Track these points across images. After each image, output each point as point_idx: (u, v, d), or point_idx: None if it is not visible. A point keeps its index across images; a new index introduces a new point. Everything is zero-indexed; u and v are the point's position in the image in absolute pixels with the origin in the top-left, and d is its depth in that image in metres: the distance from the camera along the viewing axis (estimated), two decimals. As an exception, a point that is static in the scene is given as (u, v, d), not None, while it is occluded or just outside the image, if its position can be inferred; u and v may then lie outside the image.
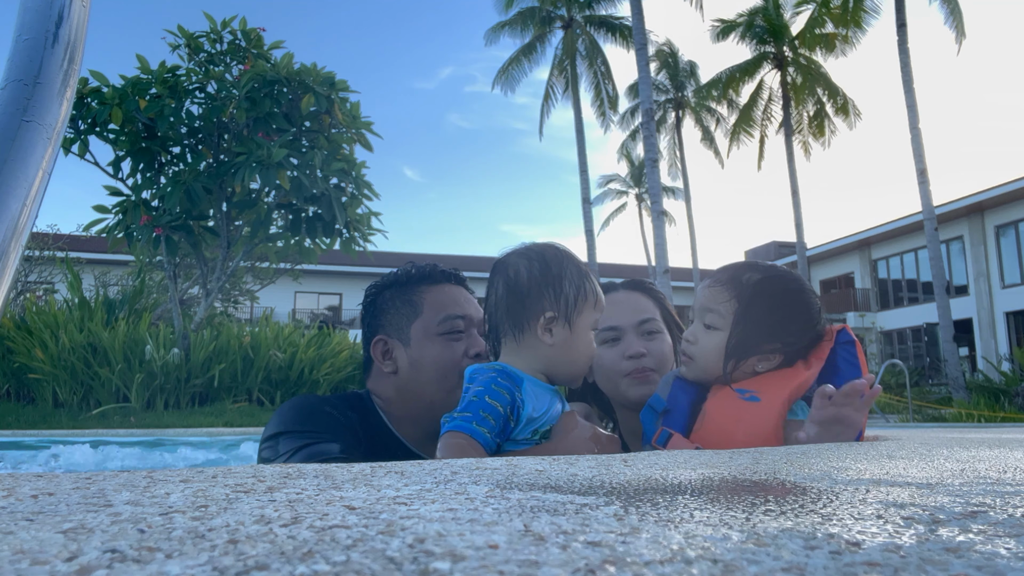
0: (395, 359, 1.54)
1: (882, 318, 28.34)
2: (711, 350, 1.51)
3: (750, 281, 1.53)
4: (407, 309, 1.56)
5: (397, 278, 1.63)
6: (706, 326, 1.53)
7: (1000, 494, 0.57)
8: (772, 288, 1.53)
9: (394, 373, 1.54)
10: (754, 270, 1.56)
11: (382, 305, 1.60)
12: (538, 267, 1.30)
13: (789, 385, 1.47)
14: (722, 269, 1.60)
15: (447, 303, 1.56)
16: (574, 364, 1.31)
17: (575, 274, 1.32)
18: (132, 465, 4.53)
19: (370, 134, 10.42)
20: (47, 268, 18.95)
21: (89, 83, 9.60)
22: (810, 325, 1.52)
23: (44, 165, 1.14)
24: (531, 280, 1.29)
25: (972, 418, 12.96)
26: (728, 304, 1.52)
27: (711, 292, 1.56)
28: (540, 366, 1.29)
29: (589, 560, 0.33)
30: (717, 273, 1.60)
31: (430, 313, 1.55)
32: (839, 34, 23.43)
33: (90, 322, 9.82)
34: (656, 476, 0.67)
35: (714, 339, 1.51)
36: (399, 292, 1.60)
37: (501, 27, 26.23)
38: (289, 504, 0.47)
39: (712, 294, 1.55)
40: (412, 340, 1.53)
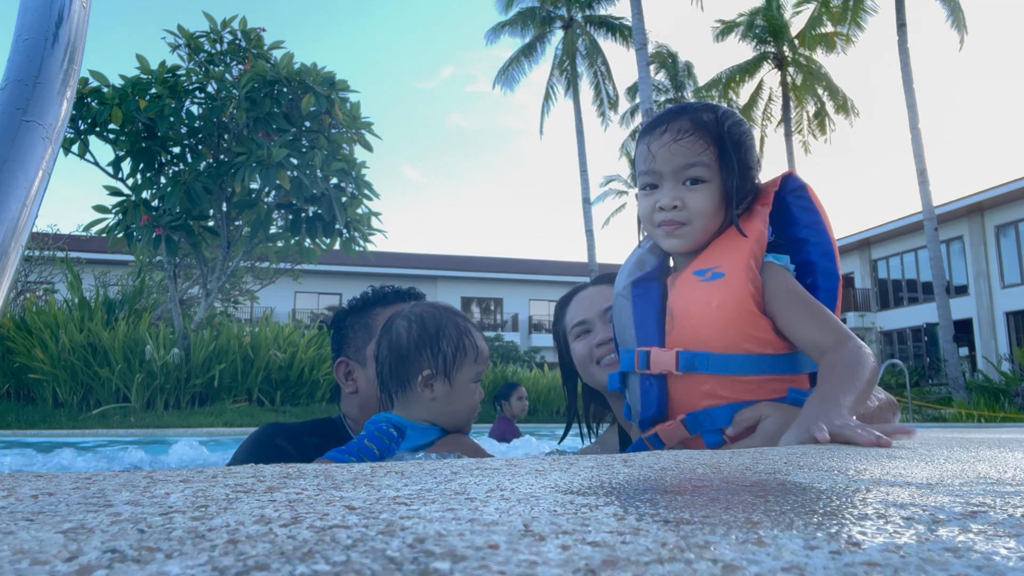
0: (355, 380, 1.66)
1: (882, 318, 28.33)
2: (706, 206, 1.37)
3: (719, 121, 1.40)
4: (363, 332, 1.68)
5: (356, 304, 1.76)
6: (690, 182, 1.37)
7: (1000, 494, 0.57)
8: (737, 121, 1.43)
9: (355, 393, 1.66)
10: (710, 110, 1.42)
11: (344, 330, 1.72)
12: (416, 328, 1.41)
13: (745, 247, 1.36)
14: (673, 118, 1.42)
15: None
16: (458, 414, 1.41)
17: (452, 333, 1.41)
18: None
19: (370, 134, 10.42)
20: (47, 268, 18.95)
21: (89, 83, 9.60)
22: (759, 161, 1.45)
23: (44, 165, 1.14)
24: (409, 341, 1.40)
25: (972, 418, 12.96)
26: (710, 151, 1.38)
27: (684, 145, 1.38)
28: (426, 416, 1.40)
29: (589, 560, 0.33)
30: (671, 123, 1.41)
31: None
32: (839, 33, 23.45)
33: (90, 322, 9.82)
34: (656, 476, 0.67)
35: (705, 194, 1.38)
36: (357, 316, 1.72)
37: (501, 27, 26.24)
38: (289, 504, 0.47)
39: (686, 147, 1.38)
40: (367, 361, 1.64)
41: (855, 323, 28.24)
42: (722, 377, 1.33)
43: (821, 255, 1.44)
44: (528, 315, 34.49)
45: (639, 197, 1.47)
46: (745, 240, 1.36)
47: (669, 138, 1.39)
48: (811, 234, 1.45)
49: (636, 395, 1.44)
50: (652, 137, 1.42)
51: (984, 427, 6.60)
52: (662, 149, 1.39)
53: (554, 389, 13.49)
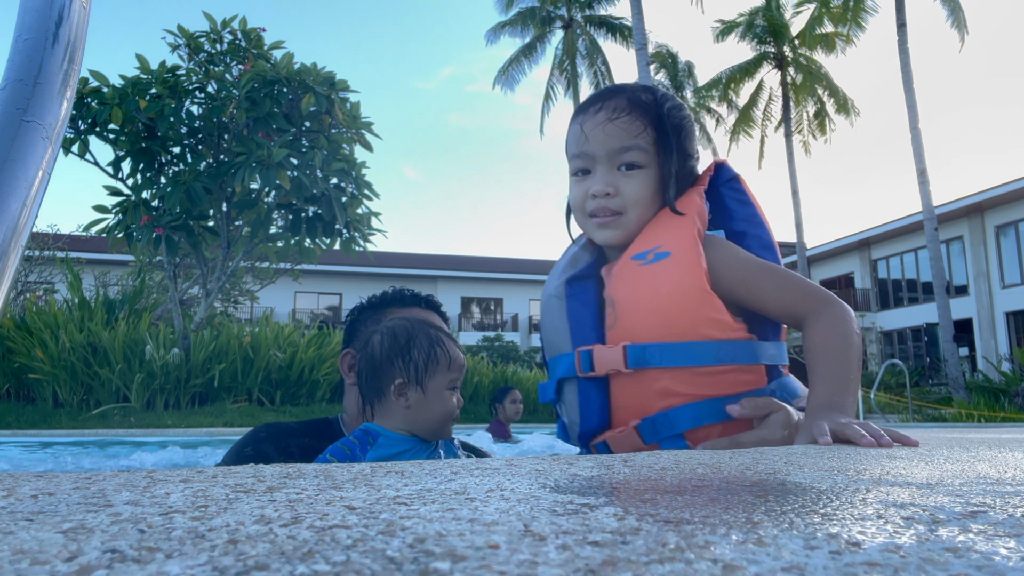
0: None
1: (882, 318, 28.33)
2: (641, 193, 1.26)
3: (658, 103, 1.31)
4: (372, 328, 1.70)
5: (374, 300, 1.79)
6: (625, 167, 1.27)
7: (1000, 494, 0.57)
8: (677, 104, 1.34)
9: (355, 385, 1.66)
10: (647, 91, 1.33)
11: (357, 324, 1.75)
12: (388, 340, 1.46)
13: (689, 224, 1.24)
14: (609, 96, 1.32)
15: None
16: (432, 421, 1.44)
17: (424, 342, 1.45)
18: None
19: (370, 134, 10.42)
20: (47, 268, 18.95)
21: (89, 83, 9.60)
22: (698, 151, 1.38)
23: (44, 165, 1.14)
24: (382, 352, 1.45)
25: (972, 418, 12.96)
26: (647, 134, 1.27)
27: (619, 126, 1.27)
28: (401, 424, 1.44)
29: (589, 560, 0.33)
30: (607, 102, 1.30)
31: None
32: (839, 33, 23.46)
33: (90, 322, 9.82)
34: (656, 476, 0.67)
35: (641, 180, 1.27)
36: (372, 313, 1.75)
37: (501, 27, 26.25)
38: (289, 504, 0.47)
39: (622, 128, 1.27)
40: None
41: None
42: (679, 371, 1.18)
43: (762, 248, 1.33)
44: (528, 315, 34.48)
45: (570, 183, 1.35)
46: (686, 216, 1.25)
47: (604, 117, 1.28)
48: (748, 227, 1.35)
49: (574, 405, 1.27)
50: (586, 117, 1.31)
51: (984, 427, 6.60)
52: (596, 129, 1.28)
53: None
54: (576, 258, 1.38)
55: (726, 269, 1.21)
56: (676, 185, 1.28)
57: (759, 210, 1.37)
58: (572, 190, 1.34)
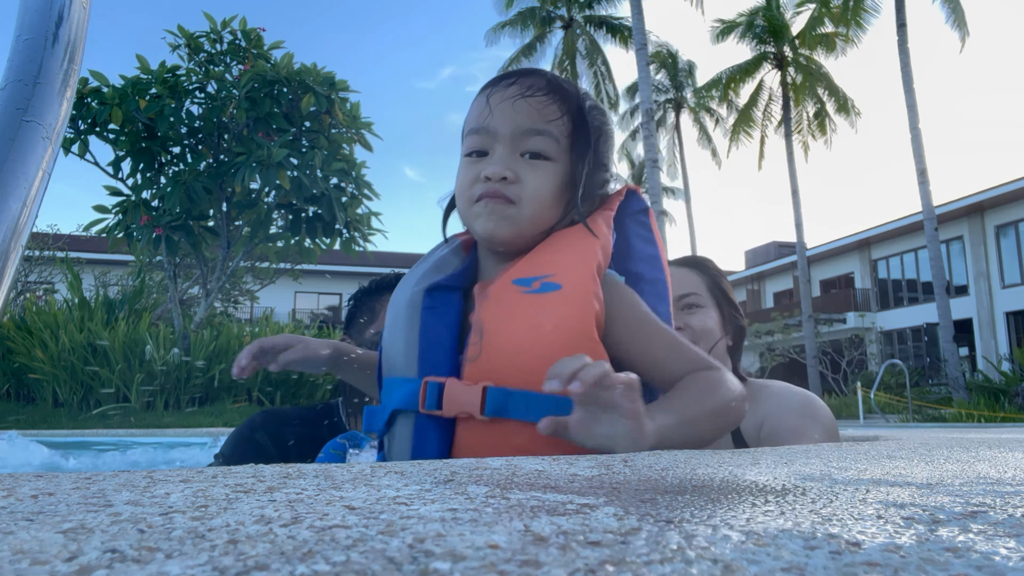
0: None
1: (882, 318, 28.33)
2: (543, 188, 1.05)
3: (580, 96, 1.14)
4: (367, 315, 1.74)
5: (373, 285, 1.82)
6: (530, 156, 1.06)
7: (1000, 494, 0.57)
8: (600, 108, 1.17)
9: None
10: (571, 83, 1.15)
11: (355, 310, 1.79)
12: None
13: (590, 255, 1.04)
14: (527, 73, 1.14)
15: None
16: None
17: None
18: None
19: (370, 134, 10.42)
20: (47, 268, 18.95)
21: (89, 83, 9.60)
22: (613, 169, 1.19)
23: (44, 165, 1.14)
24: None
25: (972, 418, 12.96)
26: (563, 123, 1.08)
27: (533, 105, 1.07)
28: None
29: (589, 560, 0.33)
30: (523, 78, 1.11)
31: (380, 322, 1.71)
32: (839, 33, 23.46)
33: (90, 322, 9.82)
34: (656, 476, 0.67)
35: (547, 173, 1.06)
36: (366, 299, 1.78)
37: (501, 27, 26.26)
38: (289, 504, 0.47)
39: (536, 108, 1.07)
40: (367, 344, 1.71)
41: (855, 323, 28.24)
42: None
43: (656, 298, 1.14)
44: (528, 315, 34.50)
45: (460, 166, 1.14)
46: (590, 244, 1.05)
47: (516, 92, 1.08)
48: (647, 270, 1.17)
49: (405, 445, 1.01)
50: (495, 90, 1.11)
51: (984, 427, 6.60)
52: (504, 103, 1.08)
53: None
54: (443, 263, 1.14)
55: (621, 320, 1.03)
56: (585, 192, 1.09)
57: (662, 253, 1.19)
58: (461, 173, 1.12)
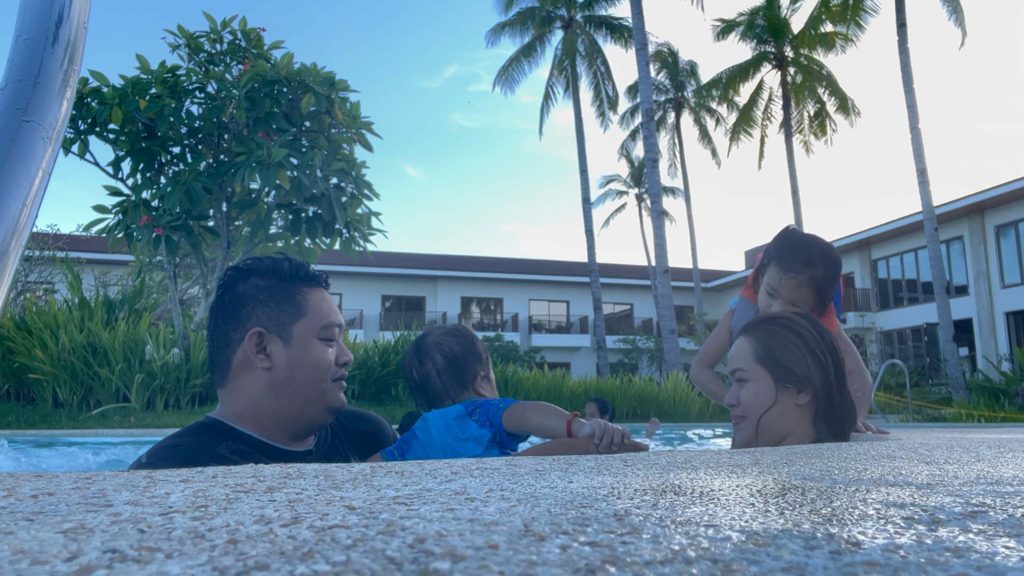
0: (271, 355, 1.47)
1: (882, 318, 28.34)
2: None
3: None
4: (289, 307, 1.50)
5: (269, 269, 1.54)
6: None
7: (1000, 494, 0.57)
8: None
9: (268, 370, 1.47)
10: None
11: (254, 295, 1.50)
12: (458, 345, 1.80)
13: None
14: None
15: (328, 311, 1.55)
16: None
17: (478, 343, 1.84)
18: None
19: (370, 134, 10.43)
20: (47, 268, 18.95)
21: (89, 83, 9.60)
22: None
23: (44, 165, 1.14)
24: (458, 355, 1.77)
25: (972, 418, 12.96)
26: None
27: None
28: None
29: (589, 560, 0.33)
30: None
31: (314, 317, 1.52)
32: (839, 33, 23.46)
33: (90, 322, 9.82)
34: (656, 476, 0.67)
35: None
36: (277, 286, 1.52)
37: (501, 28, 26.25)
38: (289, 504, 0.47)
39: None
40: (295, 339, 1.49)
41: (855, 323, 28.25)
42: None
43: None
44: (528, 315, 34.48)
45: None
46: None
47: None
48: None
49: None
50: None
51: (984, 427, 6.60)
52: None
53: (554, 389, 13.49)
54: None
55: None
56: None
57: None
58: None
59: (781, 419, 1.68)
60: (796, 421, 1.69)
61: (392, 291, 33.20)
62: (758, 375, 1.71)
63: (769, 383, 1.70)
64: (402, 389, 12.74)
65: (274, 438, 1.50)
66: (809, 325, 1.74)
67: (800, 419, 1.69)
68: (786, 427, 1.69)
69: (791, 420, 1.69)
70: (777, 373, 1.70)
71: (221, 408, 1.53)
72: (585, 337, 32.90)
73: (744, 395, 1.72)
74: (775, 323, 1.76)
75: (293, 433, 1.52)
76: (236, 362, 1.48)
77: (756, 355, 1.73)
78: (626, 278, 35.58)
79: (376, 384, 12.65)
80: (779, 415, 1.68)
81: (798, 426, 1.69)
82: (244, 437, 1.48)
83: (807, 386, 1.68)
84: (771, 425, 1.68)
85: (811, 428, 1.68)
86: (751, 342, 1.75)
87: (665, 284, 15.54)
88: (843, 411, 1.70)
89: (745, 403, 1.71)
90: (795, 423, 1.69)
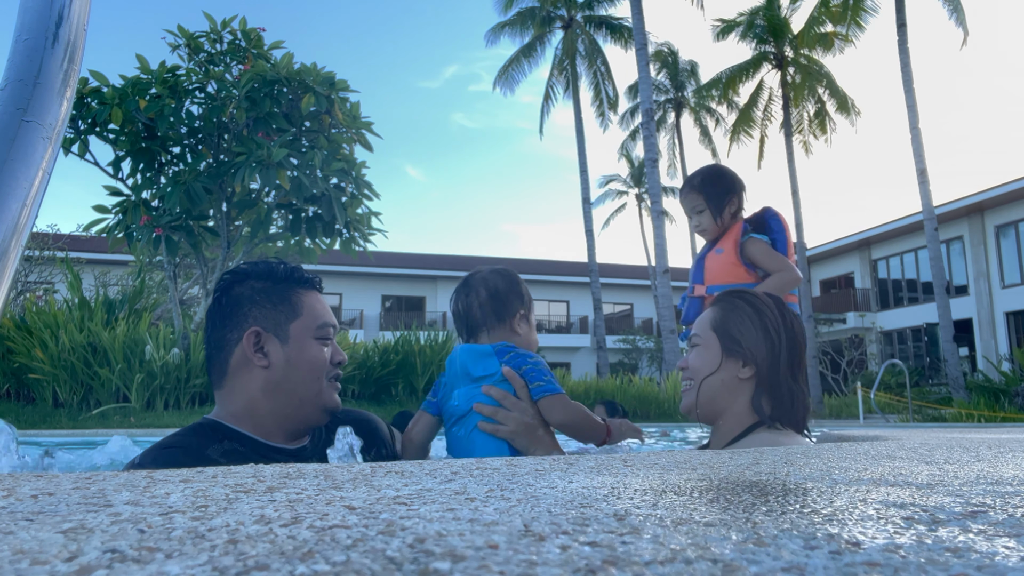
0: (268, 354, 1.51)
1: (882, 318, 28.33)
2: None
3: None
4: (286, 307, 1.55)
5: (264, 272, 1.59)
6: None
7: (1000, 494, 0.57)
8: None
9: (266, 368, 1.51)
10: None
11: (251, 296, 1.55)
12: (503, 282, 1.88)
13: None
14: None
15: (322, 312, 1.61)
16: (532, 345, 1.82)
17: (522, 284, 1.91)
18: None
19: (370, 134, 10.42)
20: (47, 268, 18.94)
21: (89, 83, 9.60)
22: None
23: (44, 165, 1.13)
24: (500, 292, 1.84)
25: (972, 418, 12.96)
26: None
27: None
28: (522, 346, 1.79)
29: (589, 560, 0.33)
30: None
31: (310, 317, 1.56)
32: (839, 33, 23.46)
33: (90, 322, 9.82)
34: (655, 476, 0.67)
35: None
36: (272, 288, 1.57)
37: (501, 27, 26.24)
38: (289, 504, 0.47)
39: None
40: (291, 339, 1.53)
41: (855, 323, 28.24)
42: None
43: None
44: (528, 315, 34.48)
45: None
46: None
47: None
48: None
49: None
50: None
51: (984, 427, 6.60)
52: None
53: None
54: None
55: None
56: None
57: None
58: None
59: (723, 389, 1.73)
60: (736, 394, 1.72)
61: (392, 291, 33.21)
62: (709, 342, 1.77)
63: (717, 350, 1.74)
64: (402, 389, 12.74)
65: (270, 437, 1.53)
66: (773, 305, 1.78)
67: (740, 392, 1.72)
68: (726, 398, 1.72)
69: (731, 391, 1.72)
70: (725, 342, 1.74)
71: (218, 409, 1.55)
72: (585, 337, 32.91)
73: (692, 358, 1.79)
74: (740, 297, 1.82)
75: (289, 432, 1.55)
76: (234, 362, 1.52)
77: (712, 323, 1.79)
78: (626, 278, 35.59)
79: (376, 384, 12.65)
80: (720, 384, 1.73)
81: (737, 399, 1.71)
82: (241, 437, 1.51)
83: (750, 360, 1.71)
84: (712, 392, 1.72)
85: (749, 405, 1.70)
86: (712, 311, 1.82)
87: (665, 284, 15.54)
88: (790, 397, 1.71)
89: (692, 366, 1.78)
90: (735, 396, 1.72)
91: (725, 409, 1.72)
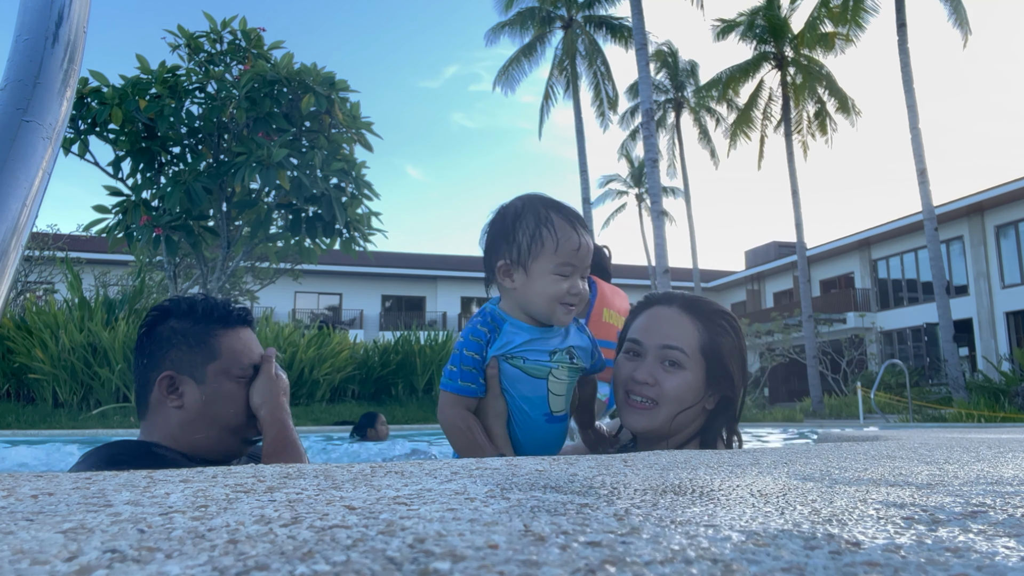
0: (183, 395, 1.55)
1: (882, 318, 28.33)
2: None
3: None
4: (202, 350, 1.57)
5: (185, 311, 1.60)
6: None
7: (1000, 494, 0.57)
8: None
9: (179, 408, 1.55)
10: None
11: (167, 337, 1.57)
12: (498, 221, 1.44)
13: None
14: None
15: (243, 351, 1.61)
16: (535, 304, 1.39)
17: (531, 223, 1.40)
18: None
19: (370, 134, 10.42)
20: (47, 268, 18.94)
21: (89, 83, 9.60)
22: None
23: (44, 165, 1.13)
24: (491, 234, 1.44)
25: (972, 418, 12.96)
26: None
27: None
28: (513, 306, 1.43)
29: (589, 560, 0.33)
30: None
31: (228, 359, 1.58)
32: (839, 33, 23.45)
33: (90, 322, 9.82)
34: (656, 476, 0.67)
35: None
36: (190, 330, 1.58)
37: (501, 27, 26.24)
38: (289, 504, 0.47)
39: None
40: (208, 379, 1.56)
41: (855, 323, 28.24)
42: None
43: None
44: (528, 315, 34.46)
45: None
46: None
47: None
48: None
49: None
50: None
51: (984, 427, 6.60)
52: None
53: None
54: None
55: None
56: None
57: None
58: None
59: (691, 421, 1.50)
60: (696, 421, 1.52)
61: (392, 291, 33.21)
62: (696, 367, 1.49)
63: (702, 378, 1.49)
64: (402, 389, 12.73)
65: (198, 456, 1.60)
66: (739, 327, 1.58)
67: (698, 419, 1.52)
68: (691, 429, 1.52)
69: (696, 423, 1.52)
70: (714, 372, 1.50)
71: (143, 436, 1.61)
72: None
73: (672, 382, 1.48)
74: (723, 317, 1.56)
75: (212, 460, 1.59)
76: (153, 399, 1.58)
77: (702, 344, 1.50)
78: (626, 278, 35.58)
79: (376, 384, 12.64)
80: (691, 416, 1.50)
81: (692, 424, 1.51)
82: (170, 455, 1.57)
83: (727, 392, 1.51)
84: (683, 423, 1.48)
85: (699, 430, 1.53)
86: (696, 326, 1.52)
87: (665, 284, 15.54)
88: (735, 424, 1.56)
89: (669, 391, 1.47)
90: (696, 426, 1.52)
91: (683, 439, 1.53)
